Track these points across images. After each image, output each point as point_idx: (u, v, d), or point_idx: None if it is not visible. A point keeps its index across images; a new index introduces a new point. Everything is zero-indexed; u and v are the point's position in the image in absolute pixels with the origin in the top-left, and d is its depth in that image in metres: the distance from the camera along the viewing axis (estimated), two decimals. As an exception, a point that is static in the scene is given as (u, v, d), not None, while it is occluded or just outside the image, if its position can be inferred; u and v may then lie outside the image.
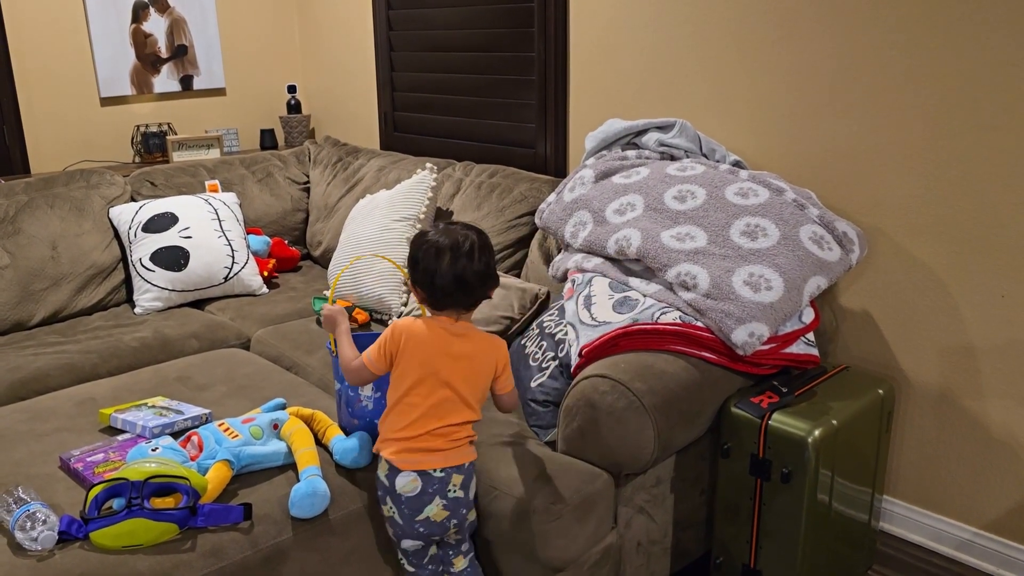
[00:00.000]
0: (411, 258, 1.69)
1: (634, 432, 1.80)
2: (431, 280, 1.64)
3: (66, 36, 3.41)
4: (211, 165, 3.34)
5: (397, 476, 1.65)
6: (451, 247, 1.63)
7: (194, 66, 3.76)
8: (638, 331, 1.92)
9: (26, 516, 1.54)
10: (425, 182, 2.79)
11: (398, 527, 1.69)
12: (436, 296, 1.66)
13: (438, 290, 1.65)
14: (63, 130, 3.47)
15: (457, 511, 1.70)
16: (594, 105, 2.84)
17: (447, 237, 1.65)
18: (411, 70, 3.48)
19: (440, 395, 1.65)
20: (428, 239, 1.67)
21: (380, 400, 1.83)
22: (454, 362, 1.66)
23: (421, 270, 1.66)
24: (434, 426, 1.65)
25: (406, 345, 1.66)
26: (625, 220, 2.18)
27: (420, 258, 1.66)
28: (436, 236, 1.66)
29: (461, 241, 1.65)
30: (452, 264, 1.63)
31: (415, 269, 1.68)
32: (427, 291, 1.67)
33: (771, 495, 1.90)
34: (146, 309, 2.83)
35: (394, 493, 1.66)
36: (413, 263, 1.68)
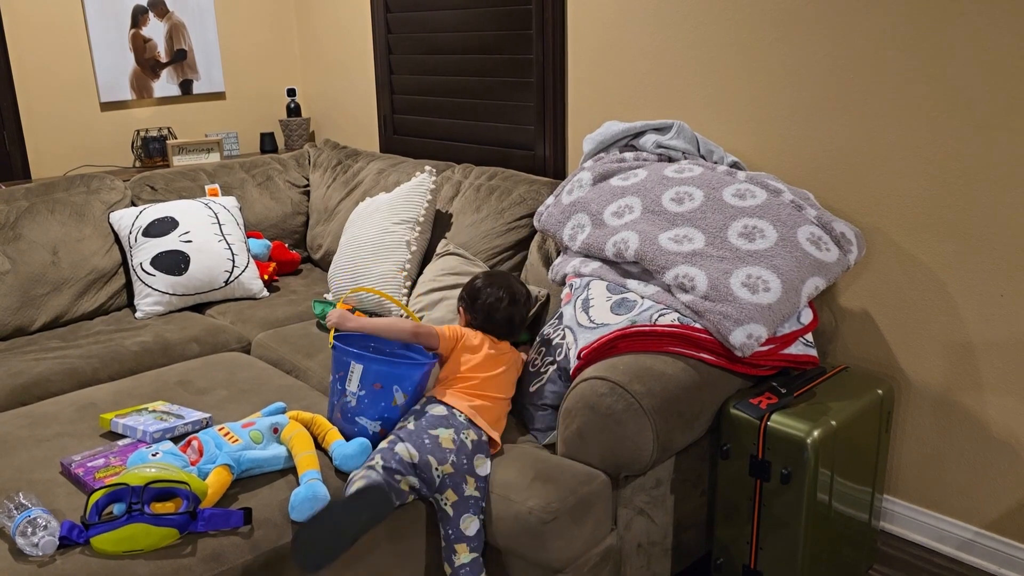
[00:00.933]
0: (473, 296, 2.08)
1: (633, 434, 1.80)
2: (488, 315, 2.06)
3: (66, 41, 3.43)
4: (211, 169, 3.34)
5: (432, 403, 1.91)
6: (510, 298, 2.08)
7: (193, 70, 3.76)
8: (636, 333, 1.93)
9: (27, 522, 1.55)
10: (424, 185, 2.79)
11: (405, 433, 1.83)
12: (486, 327, 2.06)
13: (490, 324, 2.06)
14: (63, 135, 3.48)
15: (461, 456, 1.81)
16: (592, 107, 2.84)
17: (506, 289, 2.08)
18: (410, 73, 3.48)
19: (486, 383, 1.97)
20: (493, 285, 2.09)
21: (363, 399, 1.88)
22: (492, 364, 1.99)
23: (480, 306, 2.06)
24: (477, 383, 1.96)
25: (466, 343, 2.01)
26: (623, 223, 2.19)
27: (483, 298, 2.07)
28: (499, 286, 2.07)
29: (517, 294, 2.10)
30: (507, 309, 2.06)
31: (474, 304, 2.08)
32: (480, 321, 2.06)
33: (771, 496, 1.90)
34: (147, 313, 2.84)
35: (422, 413, 1.89)
36: (473, 300, 2.08)
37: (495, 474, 1.84)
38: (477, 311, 2.07)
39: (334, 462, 1.80)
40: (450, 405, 1.90)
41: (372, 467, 1.76)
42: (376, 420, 1.89)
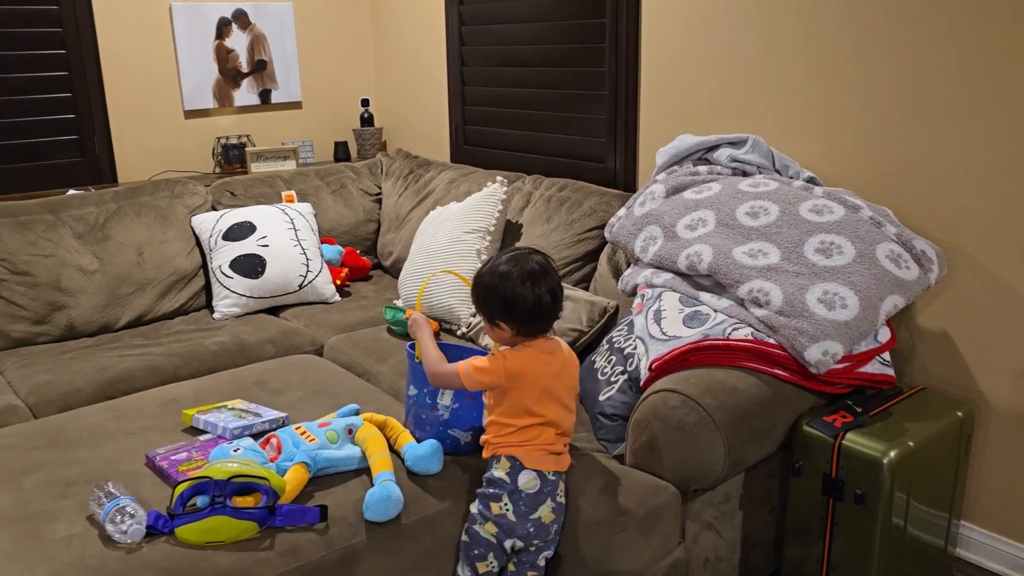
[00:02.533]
0: (483, 295, 1.71)
1: (704, 448, 1.79)
2: (512, 311, 1.68)
3: (154, 53, 3.57)
4: (288, 176, 3.44)
5: (520, 473, 1.72)
6: (527, 274, 1.68)
7: (272, 80, 3.88)
8: (709, 346, 1.92)
9: (116, 510, 1.62)
10: (496, 195, 2.83)
11: (507, 526, 1.72)
12: (524, 326, 1.70)
13: (523, 319, 1.69)
14: (149, 141, 3.62)
15: (559, 516, 1.76)
16: (665, 120, 2.84)
17: (516, 265, 1.69)
18: (482, 84, 3.53)
19: (554, 408, 1.75)
20: (499, 271, 1.69)
21: (458, 411, 1.87)
22: (557, 379, 1.75)
23: (499, 303, 1.68)
24: (551, 434, 1.75)
25: (519, 383, 1.71)
26: (696, 235, 2.18)
27: (497, 291, 1.68)
28: (506, 266, 1.69)
29: (532, 266, 1.69)
30: (533, 289, 1.67)
31: (490, 304, 1.70)
32: (513, 323, 1.70)
33: (844, 516, 1.87)
34: (224, 315, 2.93)
35: (514, 490, 1.72)
36: (487, 299, 1.70)
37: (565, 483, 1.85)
38: (501, 313, 1.69)
39: (406, 463, 1.83)
40: (539, 471, 1.73)
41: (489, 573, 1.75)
42: (467, 431, 1.90)
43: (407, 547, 1.73)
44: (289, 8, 3.85)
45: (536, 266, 1.69)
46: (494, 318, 1.71)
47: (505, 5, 3.34)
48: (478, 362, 1.73)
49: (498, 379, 1.71)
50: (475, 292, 1.74)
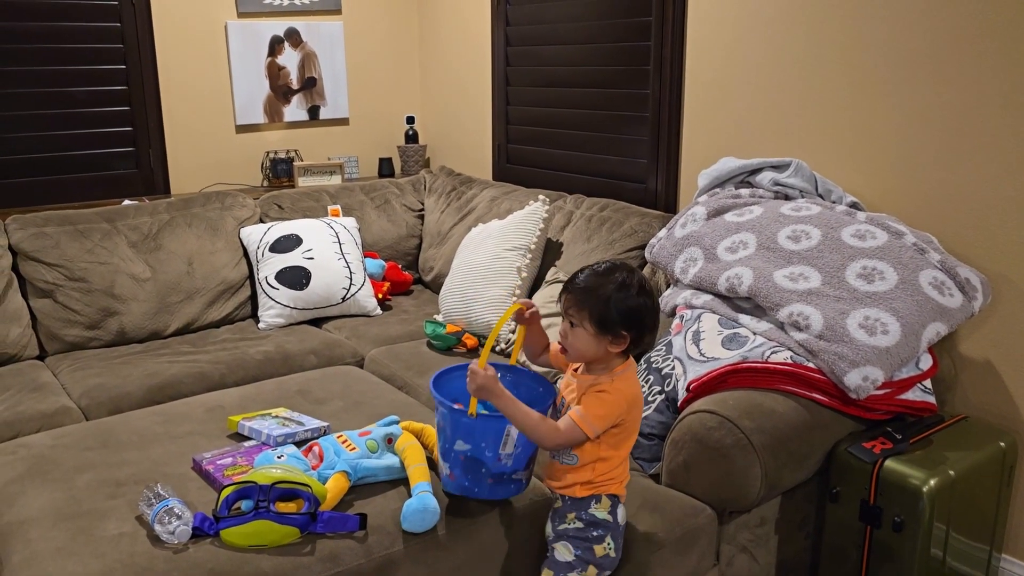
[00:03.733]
0: (602, 303, 1.59)
1: (741, 470, 1.80)
2: (641, 321, 1.62)
3: (209, 69, 3.68)
4: (333, 191, 3.52)
5: (619, 508, 1.71)
6: (642, 284, 1.64)
7: (321, 97, 3.97)
8: (748, 369, 1.93)
9: (165, 511, 1.67)
10: (537, 213, 2.86)
11: (609, 564, 1.70)
12: (647, 336, 1.64)
13: (651, 330, 1.64)
14: (201, 155, 3.72)
15: None
16: (707, 143, 2.86)
17: (629, 274, 1.64)
18: (526, 104, 3.58)
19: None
20: (619, 279, 1.62)
21: (519, 455, 1.73)
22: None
23: (626, 313, 1.60)
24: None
25: (634, 410, 1.67)
26: (737, 258, 2.19)
27: (627, 301, 1.60)
28: (622, 275, 1.63)
29: (641, 279, 1.65)
30: (654, 300, 1.66)
31: (608, 313, 1.59)
32: (638, 334, 1.62)
33: (881, 544, 1.86)
34: (269, 325, 3.00)
35: (616, 527, 1.70)
36: (607, 307, 1.59)
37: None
38: (629, 324, 1.60)
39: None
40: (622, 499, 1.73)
41: None
42: (525, 469, 1.78)
43: (444, 557, 1.76)
44: (340, 27, 3.94)
45: (644, 279, 1.67)
46: (615, 329, 1.60)
47: (551, 27, 3.39)
48: (594, 408, 1.62)
49: (620, 413, 1.63)
50: (587, 300, 1.61)
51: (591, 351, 1.64)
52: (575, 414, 1.62)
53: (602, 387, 1.63)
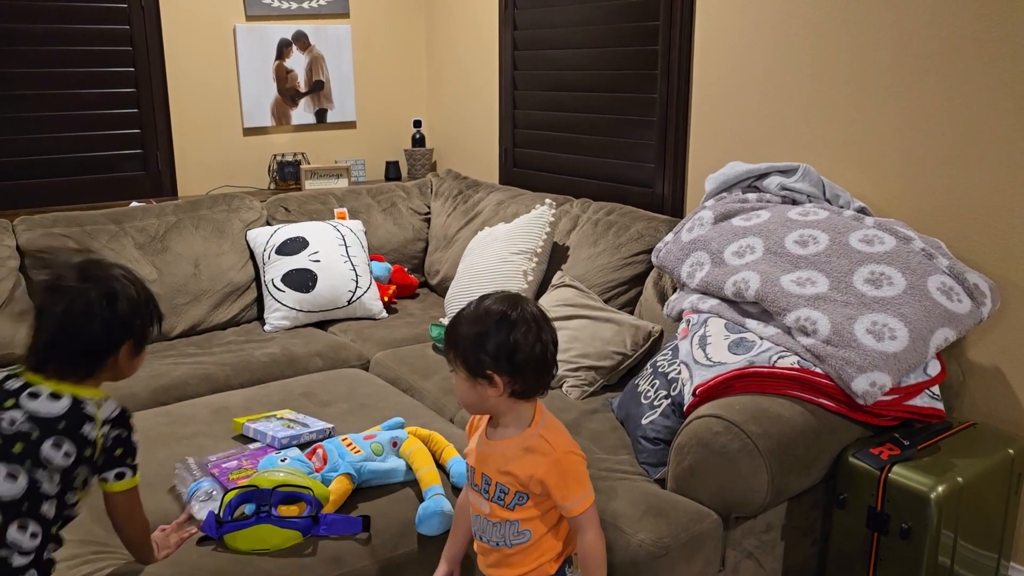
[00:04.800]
0: (503, 341, 1.39)
1: (747, 475, 1.79)
2: (538, 361, 1.42)
3: (217, 72, 3.69)
4: (340, 194, 3.52)
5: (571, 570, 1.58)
6: (536, 318, 1.44)
7: (329, 100, 3.98)
8: (754, 373, 1.92)
9: (203, 491, 1.77)
10: (544, 217, 2.86)
11: None
12: (535, 380, 1.46)
13: (535, 371, 1.44)
14: (209, 157, 3.73)
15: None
16: (715, 147, 2.85)
17: (516, 308, 1.43)
18: (533, 108, 3.58)
19: None
20: (518, 312, 1.42)
21: None
22: None
23: (522, 350, 1.41)
24: None
25: None
26: (744, 262, 2.18)
27: (519, 333, 1.40)
28: (502, 307, 1.43)
29: (534, 311, 1.46)
30: (540, 337, 1.44)
31: (506, 354, 1.40)
32: (522, 376, 1.42)
33: (888, 550, 1.84)
34: (275, 327, 3.00)
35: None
36: (506, 347, 1.39)
37: (607, 506, 1.85)
38: (519, 363, 1.42)
39: (451, 479, 1.86)
40: None
41: None
42: None
43: (447, 561, 1.75)
44: (347, 31, 3.95)
45: (538, 311, 1.47)
46: (483, 371, 1.41)
47: (559, 31, 3.39)
48: (573, 487, 1.46)
49: (583, 463, 1.51)
50: (455, 342, 1.43)
51: (471, 398, 1.46)
52: (571, 511, 1.46)
53: (538, 451, 1.45)
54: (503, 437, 1.50)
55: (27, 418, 1.41)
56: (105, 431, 1.45)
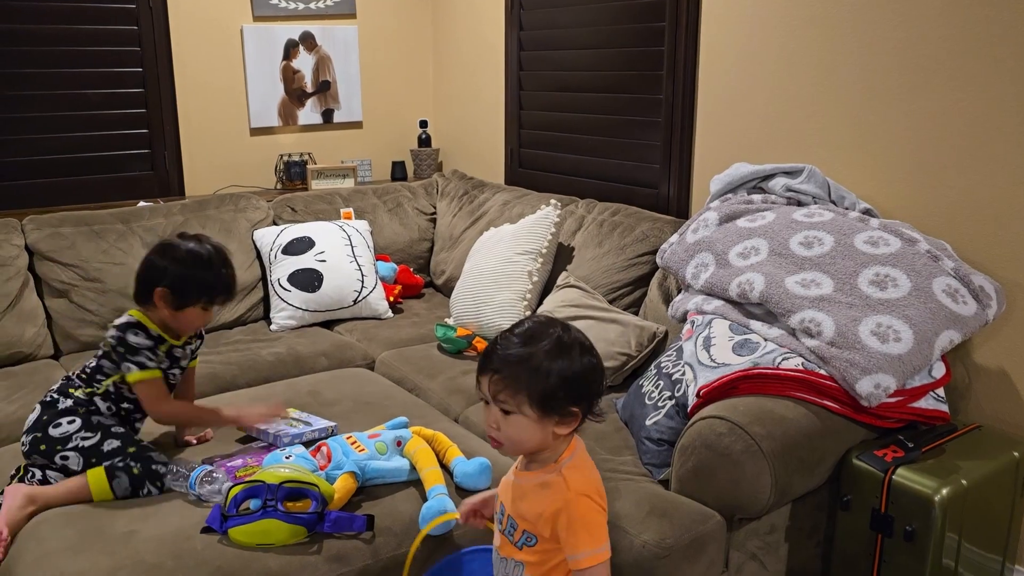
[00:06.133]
0: (579, 378, 1.30)
1: (750, 476, 1.79)
2: (588, 390, 1.33)
3: (224, 72, 3.71)
4: (346, 194, 3.53)
5: None
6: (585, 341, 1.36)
7: (335, 100, 3.99)
8: (758, 375, 1.92)
9: (204, 474, 1.79)
10: (549, 218, 2.86)
11: None
12: (596, 406, 1.36)
13: (600, 395, 1.35)
14: (216, 157, 3.74)
15: None
16: (720, 148, 2.85)
17: (571, 331, 1.36)
18: (539, 108, 3.59)
19: None
20: (573, 337, 1.33)
21: None
22: None
23: (594, 381, 1.33)
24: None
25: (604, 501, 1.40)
26: (749, 264, 2.18)
27: (591, 362, 1.32)
28: (569, 333, 1.35)
29: (578, 333, 1.36)
30: (599, 359, 1.37)
31: (586, 389, 1.31)
32: (592, 406, 1.34)
33: (892, 552, 1.84)
34: (281, 327, 3.01)
35: None
36: (585, 382, 1.31)
37: (610, 506, 1.84)
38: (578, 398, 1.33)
39: (455, 479, 1.86)
40: None
41: None
42: None
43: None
44: (354, 32, 3.96)
45: (580, 333, 1.37)
46: (562, 406, 1.30)
47: (565, 32, 3.39)
48: (584, 539, 1.31)
49: (602, 511, 1.36)
50: (521, 377, 1.29)
51: (535, 440, 1.32)
52: (580, 563, 1.31)
53: (553, 489, 1.33)
54: (528, 468, 1.38)
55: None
56: (112, 332, 1.91)
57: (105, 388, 1.94)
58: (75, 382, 1.95)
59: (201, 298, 1.93)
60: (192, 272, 1.91)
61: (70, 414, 1.89)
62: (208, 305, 1.96)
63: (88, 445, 1.85)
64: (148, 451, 1.88)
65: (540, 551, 1.35)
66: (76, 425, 1.87)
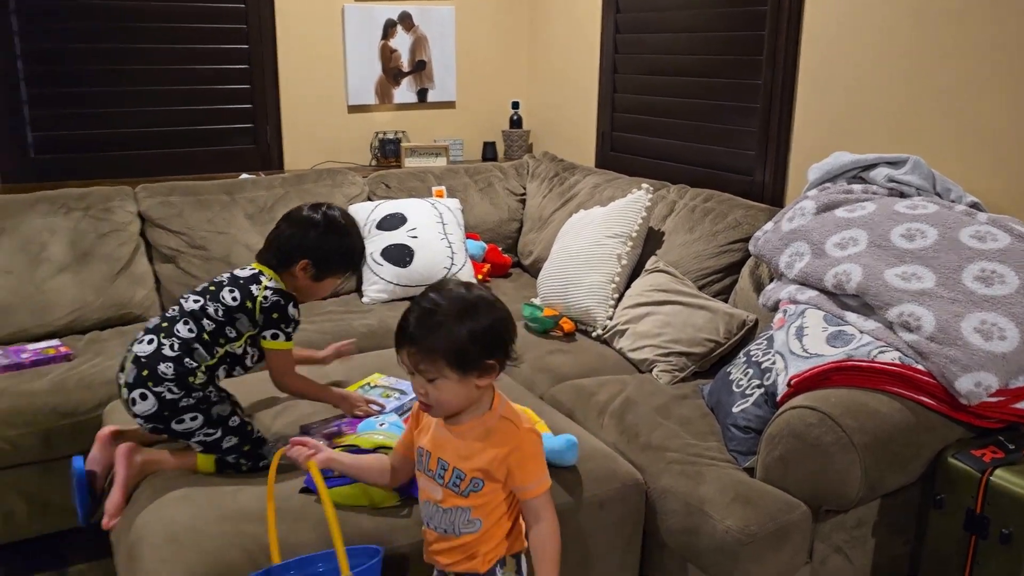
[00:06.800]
0: (489, 331, 1.41)
1: (840, 469, 1.77)
2: (512, 333, 1.47)
3: (325, 51, 3.81)
4: (438, 172, 3.59)
5: (523, 562, 1.56)
6: (484, 294, 1.49)
7: (430, 80, 4.05)
8: (853, 367, 1.89)
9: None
10: (640, 201, 2.86)
11: None
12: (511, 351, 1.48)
13: (513, 340, 1.48)
14: (314, 133, 3.86)
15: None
16: (819, 136, 2.79)
17: (472, 288, 1.49)
18: (632, 92, 3.57)
19: None
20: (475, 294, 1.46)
21: None
22: None
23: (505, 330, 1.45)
24: None
25: None
26: (846, 254, 2.14)
27: (498, 314, 1.45)
28: (471, 290, 1.48)
29: (474, 287, 1.51)
30: (501, 304, 1.50)
31: (499, 339, 1.43)
32: (507, 352, 1.46)
33: (987, 556, 1.79)
34: (372, 299, 3.10)
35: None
36: (496, 333, 1.43)
37: (695, 491, 1.86)
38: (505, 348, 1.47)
39: (541, 454, 1.90)
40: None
41: None
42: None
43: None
44: (451, 12, 4.01)
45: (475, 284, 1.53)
46: (480, 362, 1.40)
47: (662, 15, 3.36)
48: (531, 469, 1.46)
49: (541, 445, 1.51)
50: (434, 344, 1.39)
51: (461, 398, 1.43)
52: (530, 492, 1.46)
53: (501, 433, 1.45)
54: (461, 422, 1.46)
55: (229, 277, 1.95)
56: (268, 295, 1.90)
57: (225, 351, 1.91)
58: (191, 356, 1.87)
59: (341, 270, 2.01)
60: (335, 246, 1.97)
61: (192, 411, 1.85)
62: (341, 276, 2.04)
63: (210, 441, 1.86)
64: (260, 446, 1.91)
65: (485, 493, 1.46)
66: (199, 422, 1.85)
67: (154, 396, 1.83)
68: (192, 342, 1.88)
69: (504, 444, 1.44)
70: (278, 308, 1.91)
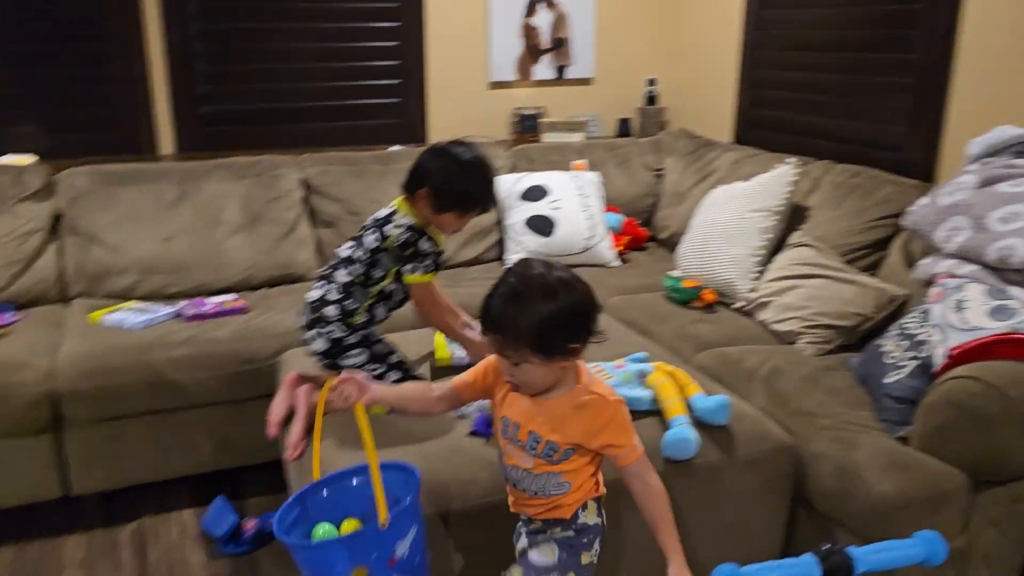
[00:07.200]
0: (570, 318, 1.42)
1: (1003, 440, 1.77)
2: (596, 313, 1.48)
3: (471, 29, 3.95)
4: (577, 147, 3.68)
5: (602, 506, 1.60)
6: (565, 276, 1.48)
7: (568, 57, 4.14)
8: (1018, 340, 1.87)
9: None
10: (785, 176, 2.87)
11: (590, 573, 1.58)
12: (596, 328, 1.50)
13: (597, 318, 1.49)
14: (457, 108, 4.01)
15: None
16: (979, 111, 2.72)
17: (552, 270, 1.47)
18: (773, 68, 3.55)
19: None
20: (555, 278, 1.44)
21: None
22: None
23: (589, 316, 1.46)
24: None
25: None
26: (1011, 229, 2.11)
27: (581, 299, 1.45)
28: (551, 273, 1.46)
29: (558, 269, 1.49)
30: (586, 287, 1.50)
31: (583, 325, 1.45)
32: (591, 333, 1.48)
33: None
34: (515, 267, 3.22)
35: (603, 529, 1.60)
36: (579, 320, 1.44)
37: (849, 456, 1.89)
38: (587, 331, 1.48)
39: (695, 413, 1.97)
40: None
41: None
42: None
43: (690, 485, 1.87)
44: (591, -10, 4.08)
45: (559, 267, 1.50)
46: (563, 347, 1.43)
47: (810, -11, 3.33)
48: (623, 436, 1.50)
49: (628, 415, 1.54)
50: (517, 334, 1.40)
51: (548, 379, 1.47)
52: (628, 459, 1.50)
53: (593, 407, 1.48)
54: (551, 396, 1.49)
55: (372, 220, 2.11)
56: (399, 232, 2.03)
57: (380, 290, 2.07)
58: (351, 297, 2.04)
59: (456, 207, 2.04)
60: (452, 181, 2.00)
61: (358, 347, 2.07)
62: (462, 215, 2.06)
63: (375, 376, 2.04)
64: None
65: (575, 460, 1.51)
66: (364, 357, 2.07)
67: (324, 336, 2.07)
68: (350, 285, 2.08)
69: (597, 416, 1.48)
70: (410, 244, 2.02)
